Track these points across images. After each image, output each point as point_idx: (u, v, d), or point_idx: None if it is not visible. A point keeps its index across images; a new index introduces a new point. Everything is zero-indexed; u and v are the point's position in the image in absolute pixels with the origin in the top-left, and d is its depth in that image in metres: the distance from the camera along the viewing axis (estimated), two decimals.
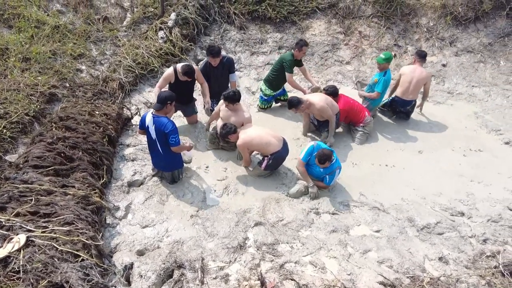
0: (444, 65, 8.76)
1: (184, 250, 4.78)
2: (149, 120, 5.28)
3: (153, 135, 5.28)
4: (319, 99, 6.31)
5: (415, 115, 7.52)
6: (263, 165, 5.79)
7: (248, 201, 5.59)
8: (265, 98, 7.29)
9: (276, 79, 7.00)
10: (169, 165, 5.60)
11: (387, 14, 9.17)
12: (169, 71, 6.27)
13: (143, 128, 5.43)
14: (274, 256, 4.78)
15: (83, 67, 7.36)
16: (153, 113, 5.25)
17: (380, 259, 4.81)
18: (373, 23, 9.19)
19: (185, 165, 5.86)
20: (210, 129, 6.59)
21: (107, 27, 8.29)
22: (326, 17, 9.29)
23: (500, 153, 6.68)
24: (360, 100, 7.26)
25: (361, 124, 6.79)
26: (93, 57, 7.64)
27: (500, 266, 4.57)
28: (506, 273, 4.47)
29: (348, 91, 7.99)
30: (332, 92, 6.69)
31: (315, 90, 7.11)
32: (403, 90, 7.02)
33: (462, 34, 9.08)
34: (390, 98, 7.37)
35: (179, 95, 6.19)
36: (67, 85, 6.68)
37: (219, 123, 6.14)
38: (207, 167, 6.11)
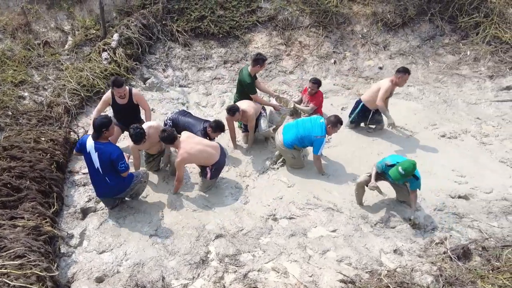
0: (380, 68, 9.30)
1: (145, 272, 4.72)
2: (90, 145, 4.96)
3: (96, 163, 4.98)
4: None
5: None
6: (208, 175, 5.79)
7: (207, 214, 5.61)
8: None
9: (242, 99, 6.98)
10: (120, 188, 5.28)
11: (324, 23, 9.57)
12: (107, 93, 6.09)
13: (81, 150, 5.11)
14: (237, 266, 4.83)
15: (26, 94, 7.11)
16: (95, 140, 4.98)
17: (339, 258, 5.00)
18: (312, 33, 9.57)
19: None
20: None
21: (48, 51, 8.08)
22: (267, 30, 9.56)
23: (438, 145, 7.12)
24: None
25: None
26: (36, 82, 7.40)
27: (448, 251, 4.92)
28: (454, 257, 4.82)
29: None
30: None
31: (278, 99, 7.20)
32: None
33: (393, 39, 9.68)
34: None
35: (124, 118, 6.13)
36: (10, 113, 6.44)
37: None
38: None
